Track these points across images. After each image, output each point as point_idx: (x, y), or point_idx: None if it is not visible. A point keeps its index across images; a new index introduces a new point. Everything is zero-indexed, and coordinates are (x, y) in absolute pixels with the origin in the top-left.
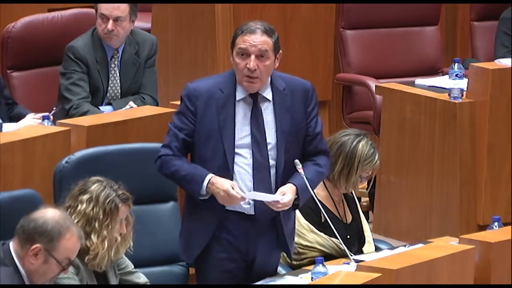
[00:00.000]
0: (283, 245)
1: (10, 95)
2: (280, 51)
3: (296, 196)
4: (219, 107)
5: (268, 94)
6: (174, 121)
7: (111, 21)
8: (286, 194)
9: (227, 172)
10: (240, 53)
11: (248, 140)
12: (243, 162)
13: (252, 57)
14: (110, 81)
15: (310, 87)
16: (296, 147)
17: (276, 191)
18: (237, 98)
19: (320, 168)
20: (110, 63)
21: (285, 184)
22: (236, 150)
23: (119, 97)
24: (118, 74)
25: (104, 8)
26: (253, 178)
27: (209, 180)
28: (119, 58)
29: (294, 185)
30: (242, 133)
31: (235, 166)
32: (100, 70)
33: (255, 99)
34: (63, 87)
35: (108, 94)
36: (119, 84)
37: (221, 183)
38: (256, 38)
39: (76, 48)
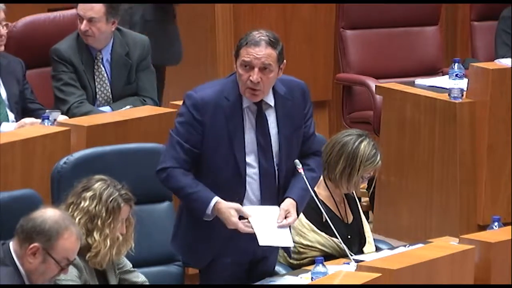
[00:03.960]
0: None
1: (32, 94)
2: (285, 61)
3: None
4: (227, 116)
5: (270, 100)
6: (178, 130)
7: (85, 21)
8: (290, 214)
9: (240, 181)
10: (243, 65)
11: (254, 147)
12: (251, 171)
13: (256, 70)
14: (96, 83)
15: (306, 87)
16: (296, 151)
17: (279, 196)
18: (243, 106)
19: (313, 173)
20: (94, 64)
21: (286, 188)
22: (246, 159)
23: (111, 99)
24: (106, 76)
25: (79, 8)
26: (260, 186)
27: (214, 204)
28: (102, 60)
29: (294, 200)
30: (248, 140)
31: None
32: (86, 72)
33: (259, 106)
34: (55, 89)
35: (98, 96)
36: (109, 86)
37: (227, 214)
38: (260, 51)
39: (59, 50)
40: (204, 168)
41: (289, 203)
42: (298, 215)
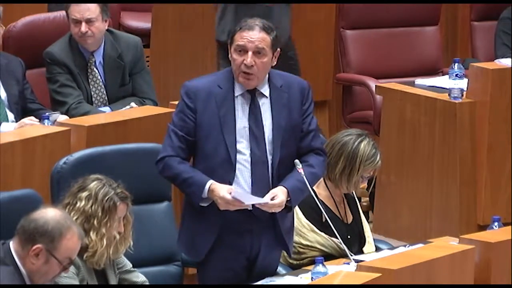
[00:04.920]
0: (282, 243)
1: (33, 94)
2: (279, 49)
3: (288, 199)
4: (219, 103)
5: (265, 90)
6: (173, 120)
7: (83, 24)
8: (277, 196)
9: (230, 167)
10: (237, 49)
11: (246, 135)
12: (242, 158)
13: (250, 53)
14: (91, 86)
15: (306, 85)
16: (292, 143)
17: (273, 186)
18: (236, 94)
19: (312, 169)
20: (87, 67)
21: (280, 180)
22: (237, 146)
23: (107, 101)
24: (100, 79)
25: (75, 11)
26: (251, 173)
27: (209, 186)
28: (95, 62)
29: (285, 187)
30: (241, 128)
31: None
32: (80, 74)
33: (253, 95)
34: (52, 92)
35: (94, 99)
36: (104, 88)
37: (218, 191)
38: (254, 35)
39: (52, 53)
40: (197, 155)
41: (278, 188)
42: (293, 205)
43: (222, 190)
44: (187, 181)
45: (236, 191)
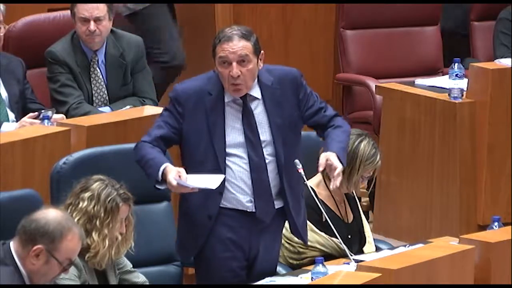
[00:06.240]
0: (297, 235)
1: (33, 94)
2: (262, 51)
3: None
4: (208, 110)
5: (256, 92)
6: (162, 114)
7: (92, 22)
8: (332, 162)
9: (220, 175)
10: (221, 62)
11: (242, 140)
12: (242, 162)
13: (234, 64)
14: (93, 85)
15: (297, 73)
16: (294, 139)
17: (278, 188)
18: (226, 100)
19: (342, 128)
20: (90, 66)
21: (290, 178)
22: (232, 151)
23: (108, 101)
24: (102, 78)
25: (83, 10)
26: (251, 178)
27: (164, 169)
28: (97, 61)
29: (333, 152)
30: (235, 134)
31: (233, 167)
32: (82, 74)
33: (244, 100)
34: (53, 91)
35: (94, 98)
36: (105, 88)
37: (168, 175)
38: (234, 45)
39: (54, 52)
40: (187, 162)
41: (329, 154)
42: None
43: (170, 174)
44: (148, 162)
45: (180, 179)
